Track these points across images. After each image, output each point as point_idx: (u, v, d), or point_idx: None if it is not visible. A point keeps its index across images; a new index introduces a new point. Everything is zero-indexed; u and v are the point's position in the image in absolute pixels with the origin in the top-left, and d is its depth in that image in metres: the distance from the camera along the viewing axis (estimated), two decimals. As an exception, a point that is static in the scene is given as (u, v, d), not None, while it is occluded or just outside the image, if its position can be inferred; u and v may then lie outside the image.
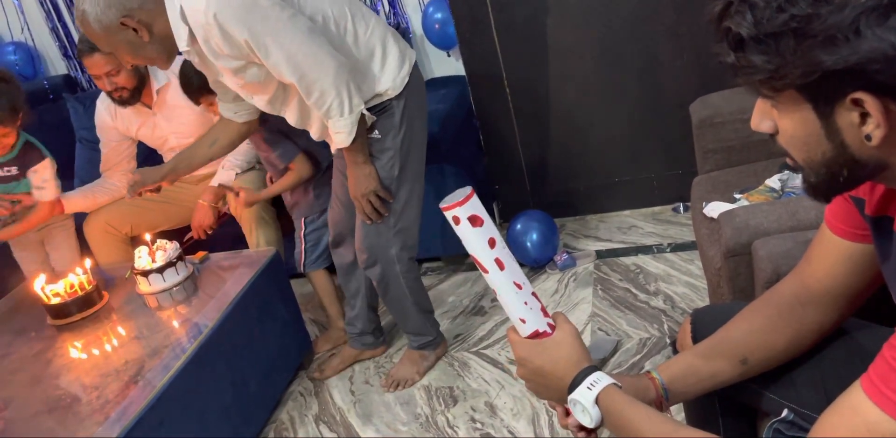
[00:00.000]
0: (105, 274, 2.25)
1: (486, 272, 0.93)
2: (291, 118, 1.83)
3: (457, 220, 0.90)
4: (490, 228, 0.91)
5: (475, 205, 0.90)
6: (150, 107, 2.45)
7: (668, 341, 2.00)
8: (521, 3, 2.56)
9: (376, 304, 2.19)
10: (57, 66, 3.42)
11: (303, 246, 2.30)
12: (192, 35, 1.61)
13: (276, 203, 2.49)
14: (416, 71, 1.84)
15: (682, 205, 2.69)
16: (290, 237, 2.53)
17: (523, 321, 0.96)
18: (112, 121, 2.49)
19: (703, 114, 1.89)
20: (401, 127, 1.81)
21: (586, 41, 2.58)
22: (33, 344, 1.90)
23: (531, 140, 2.77)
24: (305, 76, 1.61)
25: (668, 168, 2.69)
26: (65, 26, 3.30)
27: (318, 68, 1.59)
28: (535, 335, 0.96)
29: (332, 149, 1.88)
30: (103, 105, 2.49)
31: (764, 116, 0.76)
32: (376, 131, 1.80)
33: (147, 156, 2.83)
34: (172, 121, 2.47)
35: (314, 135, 1.86)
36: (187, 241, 2.38)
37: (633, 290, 2.29)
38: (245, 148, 2.50)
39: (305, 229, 2.30)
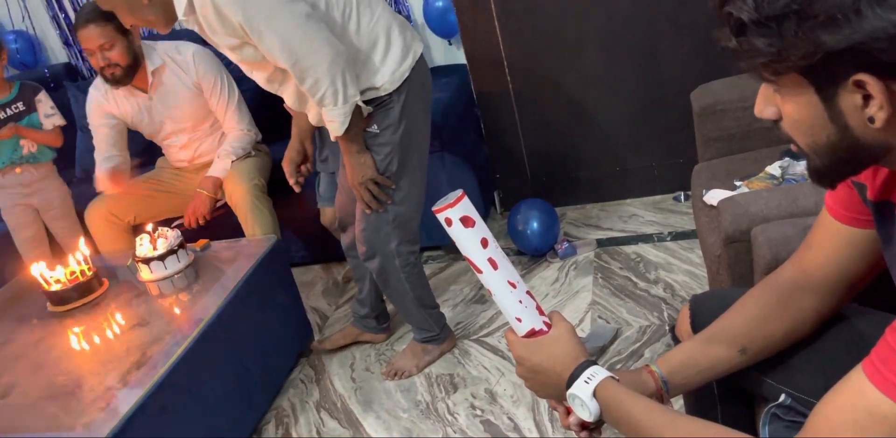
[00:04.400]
0: (106, 263, 2.26)
1: (480, 272, 0.95)
2: (289, 99, 1.80)
3: (449, 222, 0.92)
4: (482, 229, 0.93)
5: (466, 207, 0.92)
6: (144, 92, 2.44)
7: (667, 328, 2.00)
8: (522, -10, 2.55)
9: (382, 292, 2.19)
10: (58, 54, 3.41)
11: None
12: (191, 5, 1.57)
13: (273, 192, 2.49)
14: (420, 64, 1.77)
15: (682, 193, 2.69)
16: (287, 227, 2.54)
17: (519, 320, 0.97)
18: (106, 103, 2.46)
19: (704, 102, 1.88)
20: (400, 122, 1.75)
21: (588, 30, 2.57)
22: (35, 330, 1.91)
23: (532, 129, 2.77)
24: (299, 62, 1.57)
25: (669, 156, 2.69)
26: (65, 14, 3.28)
27: (314, 55, 1.55)
28: (532, 333, 0.97)
29: (332, 135, 1.87)
30: (97, 90, 2.47)
31: (767, 103, 0.75)
32: (374, 125, 1.75)
33: (145, 147, 2.82)
34: (170, 104, 2.46)
35: (312, 120, 1.83)
36: (176, 226, 2.38)
37: (634, 278, 2.29)
38: (240, 134, 2.51)
39: None
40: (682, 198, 2.68)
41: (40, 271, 1.99)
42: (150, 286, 2.03)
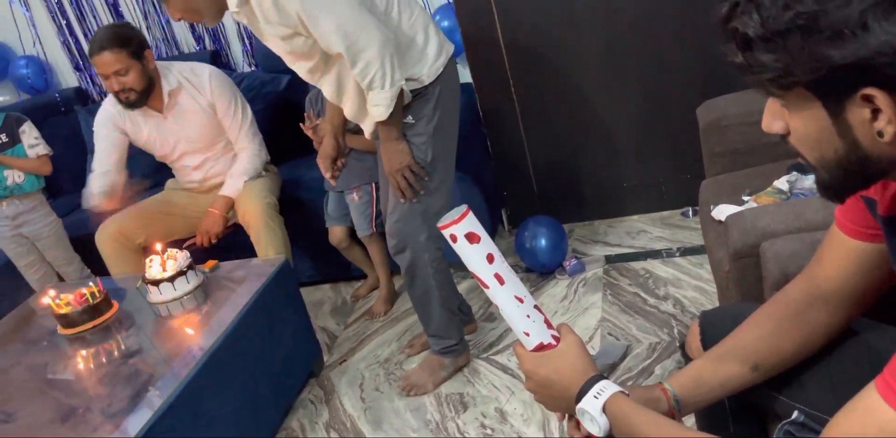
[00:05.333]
0: (116, 284, 2.26)
1: (487, 287, 0.95)
2: (328, 91, 1.86)
3: (454, 238, 0.92)
4: (487, 244, 0.93)
5: (471, 223, 0.92)
6: (160, 112, 2.46)
7: (677, 345, 1.99)
8: (526, 10, 2.57)
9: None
10: (68, 78, 3.45)
11: (373, 209, 2.45)
12: None
13: (284, 211, 2.50)
14: (452, 63, 1.86)
15: (690, 209, 2.68)
16: (294, 246, 2.55)
17: (527, 334, 0.97)
18: (118, 118, 2.47)
19: (709, 118, 1.89)
20: (434, 114, 1.83)
21: (592, 47, 2.59)
22: (45, 353, 1.91)
23: (539, 145, 2.78)
24: (353, 45, 1.63)
25: (677, 172, 2.68)
26: (76, 39, 3.34)
27: (366, 38, 1.63)
28: (540, 347, 0.97)
29: (367, 131, 1.89)
30: (112, 106, 2.47)
31: (775, 117, 0.75)
32: (410, 116, 1.81)
33: (154, 169, 2.84)
34: (184, 124, 2.48)
35: (348, 113, 1.88)
36: (188, 247, 2.39)
37: (643, 295, 2.28)
38: (252, 155, 2.53)
39: (376, 192, 2.45)
40: (690, 213, 2.68)
41: (50, 294, 2.00)
42: (160, 308, 2.03)
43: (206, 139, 2.52)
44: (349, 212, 2.54)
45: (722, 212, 1.62)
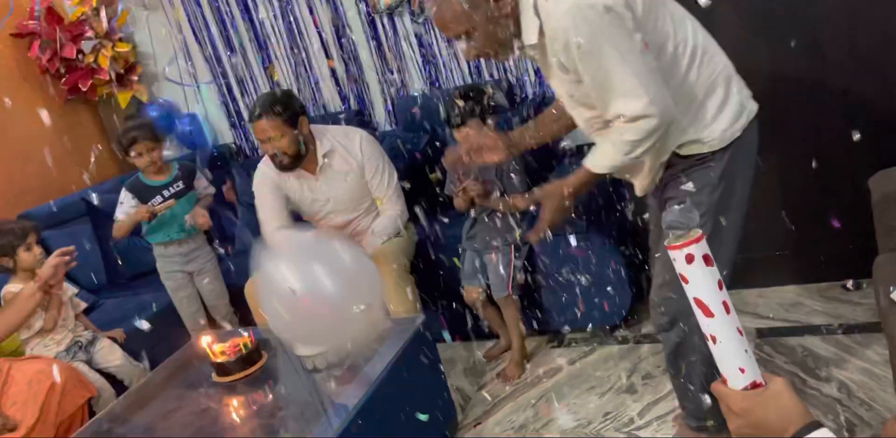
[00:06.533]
0: (263, 335, 2.34)
1: (711, 316, 0.92)
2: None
3: (690, 259, 0.91)
4: (717, 270, 0.91)
5: (706, 246, 0.91)
6: (312, 173, 2.58)
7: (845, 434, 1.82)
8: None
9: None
10: (225, 135, 3.71)
11: (511, 270, 2.48)
12: (541, 30, 1.54)
13: (420, 269, 2.53)
14: (752, 126, 1.66)
15: (853, 281, 2.49)
16: (432, 303, 2.57)
17: (742, 370, 0.93)
18: (276, 177, 2.58)
19: (886, 189, 1.77)
20: (719, 183, 1.62)
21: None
22: (202, 399, 2.00)
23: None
24: (634, 110, 1.49)
25: (838, 241, 2.48)
26: (234, 99, 3.60)
27: (652, 108, 1.48)
28: (753, 386, 0.93)
29: (640, 188, 1.74)
30: (268, 166, 2.60)
31: None
32: (690, 183, 1.63)
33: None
34: (334, 186, 2.58)
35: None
36: None
37: (802, 375, 2.12)
38: (394, 216, 2.59)
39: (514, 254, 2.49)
40: (854, 286, 2.48)
41: (206, 340, 2.10)
42: (305, 360, 2.08)
43: (354, 200, 2.61)
44: (485, 272, 2.53)
45: (907, 293, 1.50)
